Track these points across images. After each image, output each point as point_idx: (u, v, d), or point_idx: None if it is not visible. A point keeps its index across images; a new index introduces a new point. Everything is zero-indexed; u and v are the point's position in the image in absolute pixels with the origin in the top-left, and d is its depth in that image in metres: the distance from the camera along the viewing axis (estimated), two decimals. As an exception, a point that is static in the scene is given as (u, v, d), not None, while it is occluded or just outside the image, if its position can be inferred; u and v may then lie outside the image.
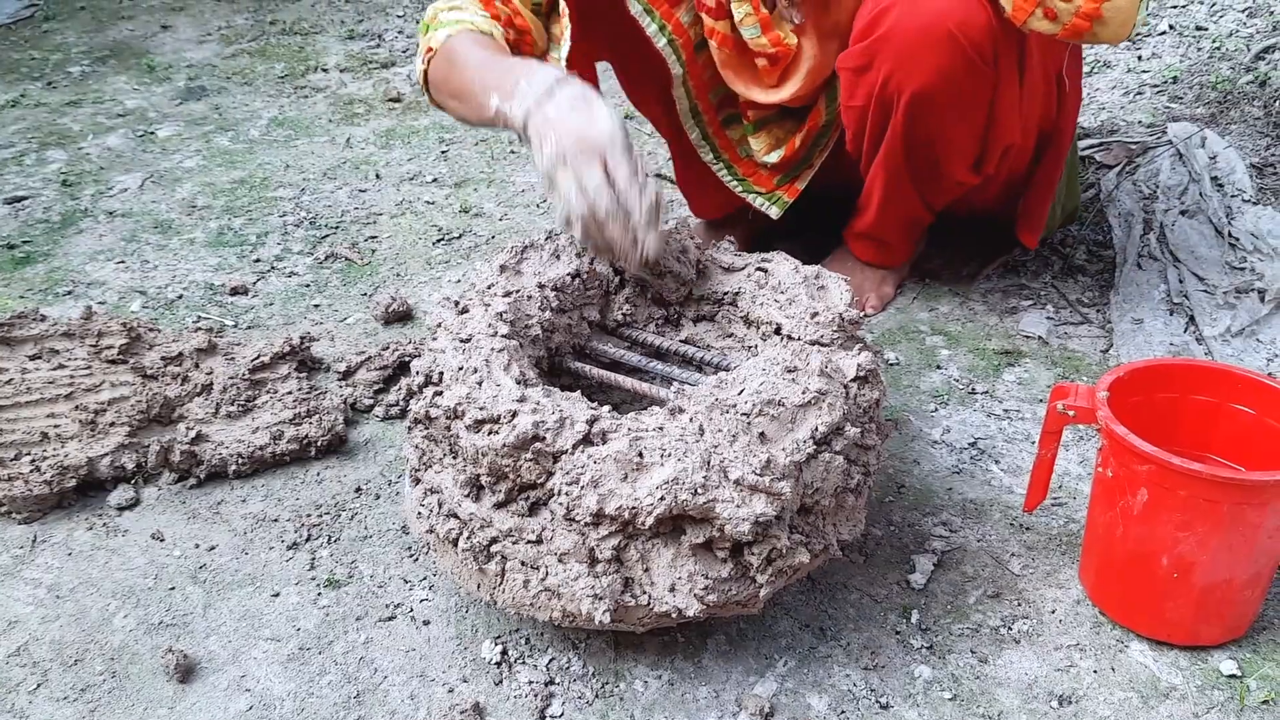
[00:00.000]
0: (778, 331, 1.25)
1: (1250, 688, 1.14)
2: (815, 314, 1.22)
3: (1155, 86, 2.58)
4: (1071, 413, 1.18)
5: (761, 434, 1.05)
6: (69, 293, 1.96)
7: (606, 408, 1.11)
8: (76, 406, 1.51)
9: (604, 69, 1.78)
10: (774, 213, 1.83)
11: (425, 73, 1.52)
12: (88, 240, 2.16)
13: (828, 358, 1.14)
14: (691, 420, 1.07)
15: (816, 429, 1.07)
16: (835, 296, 1.27)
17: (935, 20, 1.45)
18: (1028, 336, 1.77)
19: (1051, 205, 1.79)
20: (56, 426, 1.48)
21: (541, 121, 1.23)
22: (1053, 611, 1.24)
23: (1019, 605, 1.25)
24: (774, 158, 1.76)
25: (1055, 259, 1.96)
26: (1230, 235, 1.93)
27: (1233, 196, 2.05)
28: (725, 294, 1.34)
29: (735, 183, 1.83)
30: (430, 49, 1.50)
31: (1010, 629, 1.22)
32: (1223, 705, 1.12)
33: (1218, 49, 2.64)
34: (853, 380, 1.15)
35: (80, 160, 2.54)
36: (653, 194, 1.19)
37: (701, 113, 1.77)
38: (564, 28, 1.54)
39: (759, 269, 1.34)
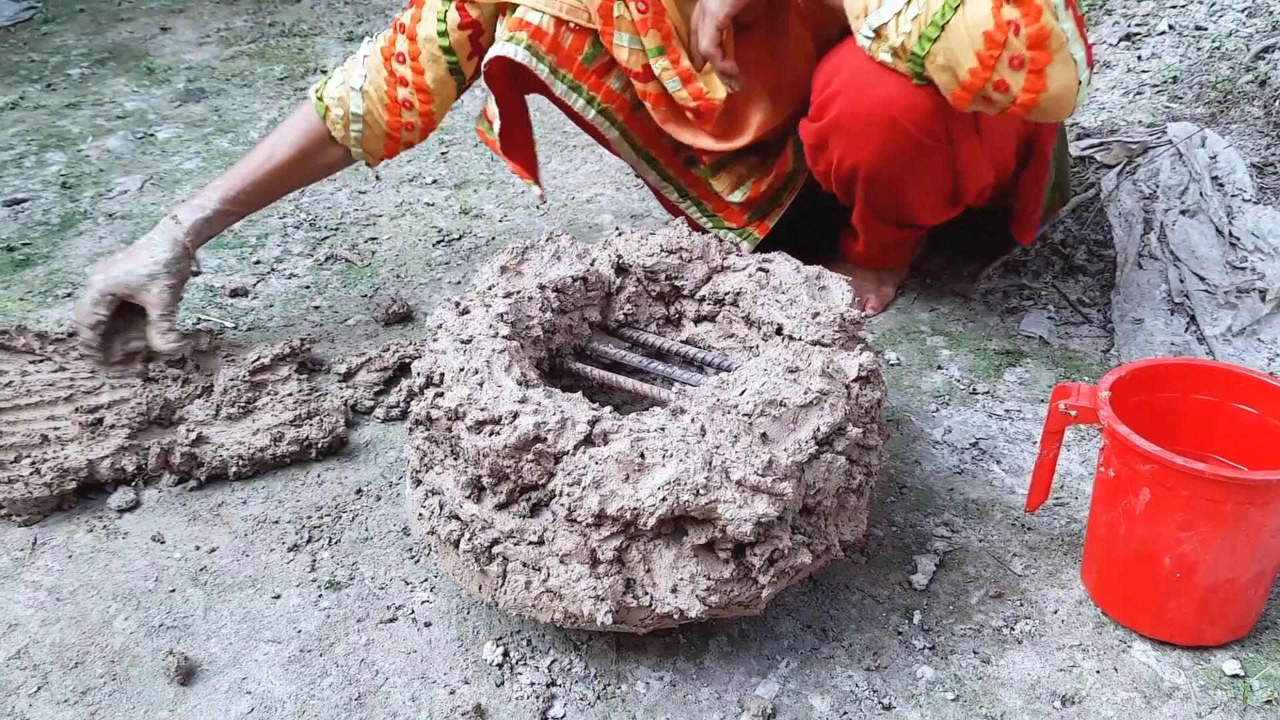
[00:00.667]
0: (779, 332, 1.25)
1: (1253, 688, 1.14)
2: (816, 314, 1.22)
3: (1155, 86, 2.58)
4: (1073, 412, 1.18)
5: (763, 434, 1.05)
6: (69, 295, 1.95)
7: (608, 409, 1.11)
8: (76, 409, 1.51)
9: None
10: (745, 248, 1.83)
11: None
12: (87, 242, 2.16)
13: (829, 358, 1.14)
14: (693, 421, 1.07)
15: (818, 429, 1.07)
16: (837, 297, 1.27)
17: (879, 108, 1.46)
18: (1029, 336, 1.77)
19: (1049, 193, 1.79)
20: (57, 429, 1.48)
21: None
22: (1055, 612, 1.24)
23: (1021, 605, 1.25)
24: (738, 196, 1.77)
25: (1056, 259, 1.96)
26: (1231, 235, 1.93)
27: (1233, 196, 2.04)
28: (726, 294, 1.34)
29: (705, 219, 1.85)
30: (318, 92, 1.72)
31: (1013, 629, 1.22)
32: (1226, 705, 1.12)
33: (1217, 49, 2.64)
34: (854, 381, 1.15)
35: (80, 162, 2.53)
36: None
37: (656, 157, 1.78)
38: (493, 114, 1.64)
39: (760, 269, 1.33)
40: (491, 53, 1.58)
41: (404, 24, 1.66)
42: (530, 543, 1.08)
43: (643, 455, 1.03)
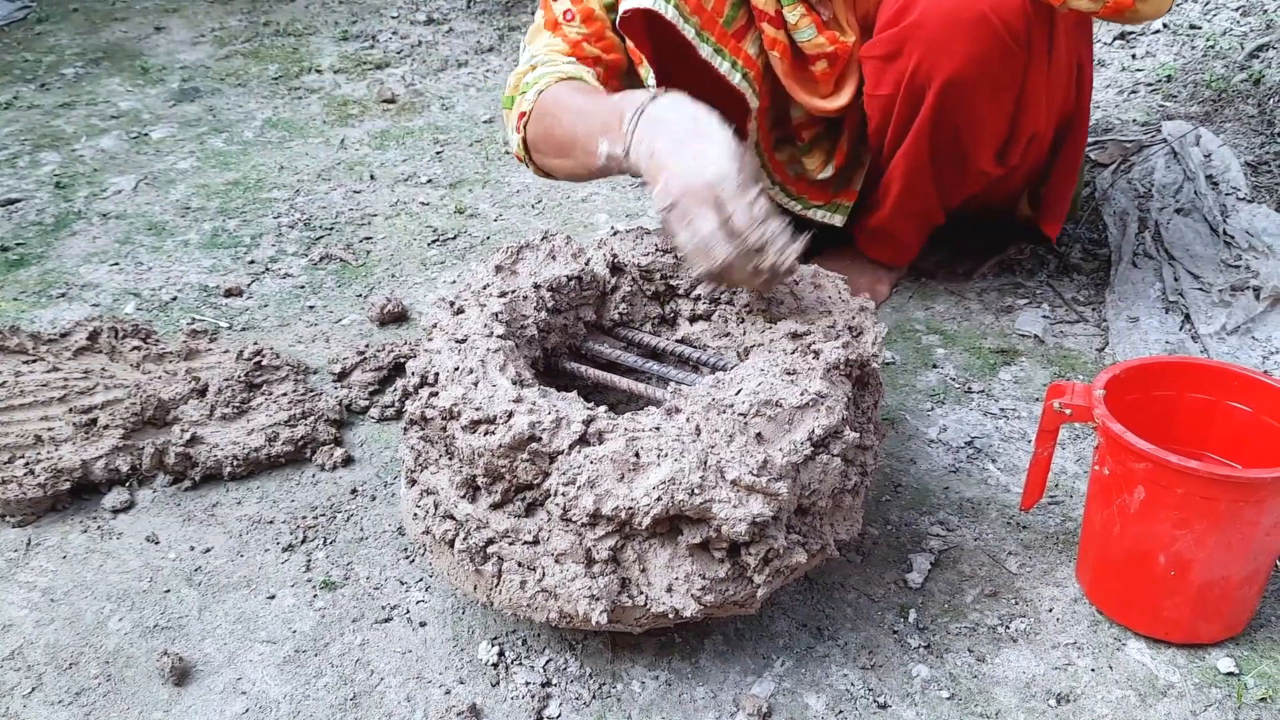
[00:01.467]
0: (775, 332, 1.25)
1: (1248, 685, 1.14)
2: (812, 312, 1.22)
3: (1150, 85, 2.58)
4: (1068, 411, 1.18)
5: (758, 434, 1.05)
6: (62, 295, 1.95)
7: (603, 408, 1.11)
8: (70, 409, 1.50)
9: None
10: (838, 221, 1.82)
11: (524, 141, 1.48)
12: (81, 242, 2.15)
13: (826, 358, 1.14)
14: (688, 420, 1.07)
15: (814, 430, 1.07)
16: (832, 294, 1.27)
17: (968, 2, 1.43)
18: (1024, 335, 1.77)
19: (1076, 189, 1.79)
20: (50, 429, 1.47)
21: (650, 161, 1.17)
22: (1050, 610, 1.24)
23: (1016, 604, 1.25)
24: (828, 173, 1.76)
25: (1051, 258, 1.96)
26: (1225, 233, 1.93)
27: (1227, 194, 2.05)
28: (723, 292, 1.34)
29: (792, 202, 1.82)
30: (522, 114, 1.46)
31: (1008, 628, 1.22)
32: (1220, 703, 1.12)
33: (1212, 47, 2.64)
34: (850, 381, 1.15)
35: (74, 162, 2.53)
36: (774, 231, 1.12)
37: (759, 140, 1.75)
38: (646, 71, 1.54)
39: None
40: (634, 2, 1.47)
41: (570, 11, 1.51)
42: (525, 542, 1.08)
43: (638, 455, 1.03)
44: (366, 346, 1.70)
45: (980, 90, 1.52)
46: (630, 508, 1.02)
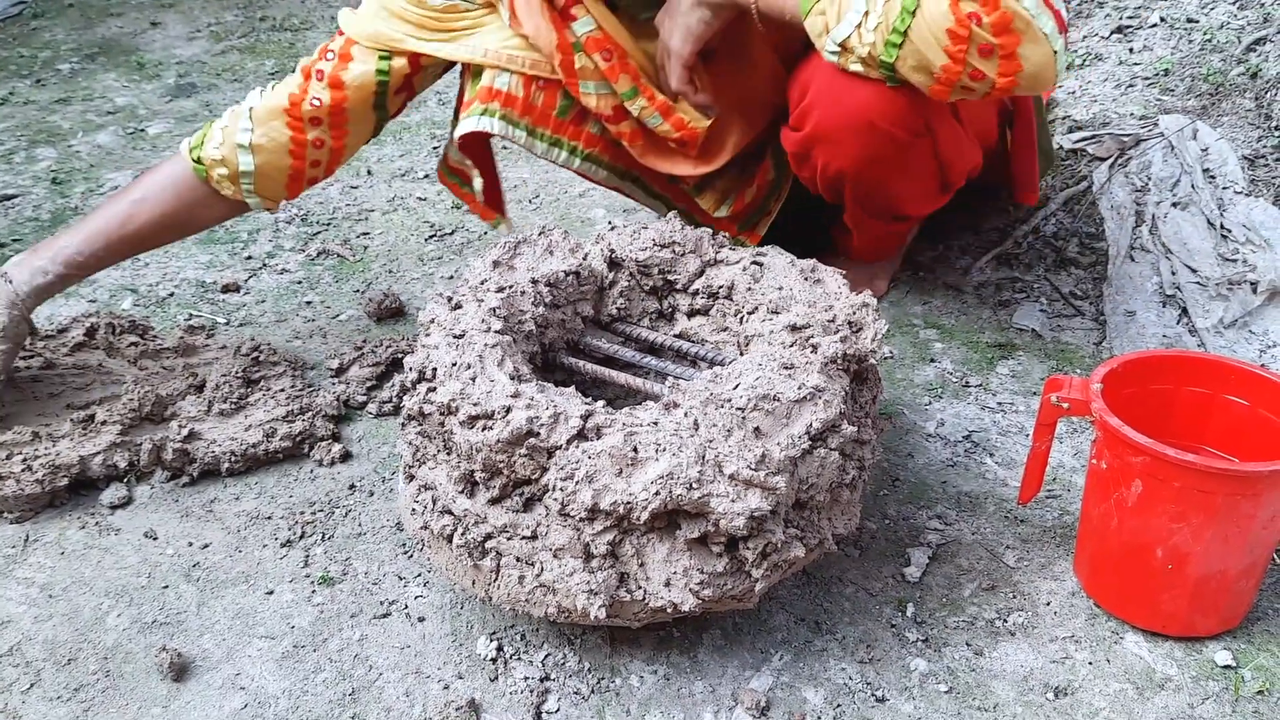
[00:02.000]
0: (773, 325, 1.25)
1: (1245, 678, 1.14)
2: (812, 307, 1.22)
3: (1146, 79, 2.58)
4: (1066, 405, 1.18)
5: (756, 429, 1.05)
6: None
7: (601, 403, 1.11)
8: (67, 405, 1.50)
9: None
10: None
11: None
12: (78, 238, 2.15)
13: (824, 352, 1.14)
14: (686, 415, 1.06)
15: (812, 425, 1.07)
16: (832, 289, 1.27)
17: (855, 115, 1.45)
18: (1021, 330, 1.77)
19: (1043, 148, 1.80)
20: (48, 425, 1.47)
21: None
22: (1048, 604, 1.24)
23: (1014, 598, 1.25)
24: (724, 211, 1.76)
25: (1048, 252, 1.96)
26: (1222, 227, 1.93)
27: (1224, 188, 2.05)
28: (720, 287, 1.34)
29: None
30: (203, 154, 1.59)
31: (1005, 621, 1.22)
32: (1218, 696, 1.12)
33: (1209, 41, 2.64)
34: (848, 375, 1.15)
35: (70, 158, 2.52)
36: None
37: (640, 177, 1.75)
38: (473, 176, 1.64)
39: (754, 262, 1.33)
40: (465, 129, 1.56)
41: (322, 71, 1.59)
42: (523, 537, 1.08)
43: (636, 449, 1.03)
44: (364, 342, 1.70)
45: (892, 174, 1.55)
46: (628, 502, 1.02)
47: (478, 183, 1.66)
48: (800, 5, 1.39)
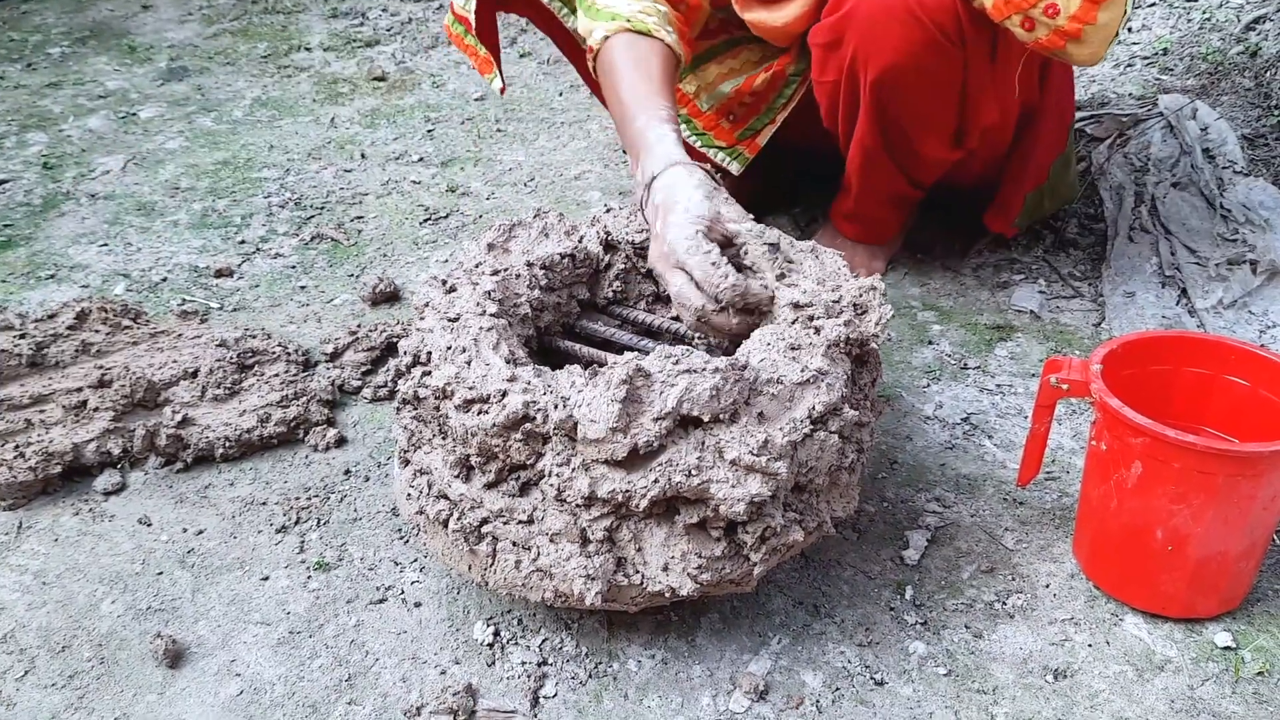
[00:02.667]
0: (778, 301, 1.23)
1: (1245, 659, 1.14)
2: (820, 285, 1.21)
3: (1146, 58, 2.56)
4: (1065, 386, 1.18)
5: (760, 413, 1.04)
6: (51, 276, 1.93)
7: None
8: (60, 391, 1.49)
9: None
10: (734, 168, 1.83)
11: (593, 65, 1.51)
12: (70, 223, 2.13)
13: (827, 334, 1.12)
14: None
15: (814, 407, 1.06)
16: (832, 270, 1.26)
17: (898, 2, 1.45)
18: (1020, 311, 1.76)
19: (1034, 192, 1.78)
20: (41, 412, 1.46)
21: (651, 227, 1.26)
22: (1047, 586, 1.24)
23: (1013, 580, 1.25)
24: (727, 88, 1.73)
25: (1047, 233, 1.95)
26: (1222, 207, 1.92)
27: (1224, 168, 2.04)
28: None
29: (694, 137, 1.83)
30: (590, 48, 1.49)
31: (1004, 604, 1.22)
32: (1218, 677, 1.12)
33: (1208, 20, 2.63)
34: (850, 359, 1.14)
35: (61, 142, 2.50)
36: (736, 280, 1.15)
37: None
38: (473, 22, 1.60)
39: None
40: None
41: None
42: (520, 522, 1.07)
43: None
44: (359, 326, 1.69)
45: (915, 82, 1.53)
46: (627, 490, 1.01)
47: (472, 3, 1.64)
48: None
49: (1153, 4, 2.79)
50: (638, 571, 1.06)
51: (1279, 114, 2.15)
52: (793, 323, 1.14)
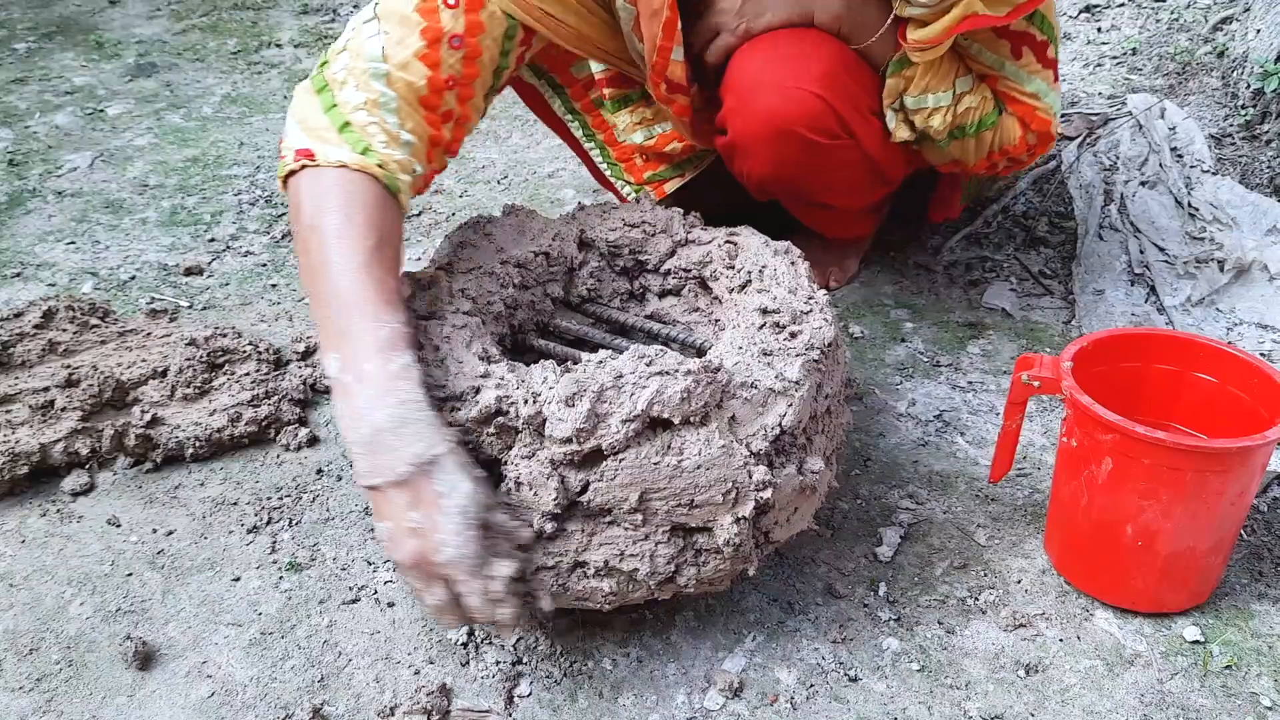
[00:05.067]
0: (746, 304, 1.24)
1: (1214, 653, 1.15)
2: (791, 290, 1.21)
3: (1114, 58, 2.59)
4: (1036, 383, 1.18)
5: (732, 417, 1.04)
6: (18, 275, 1.91)
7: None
8: (26, 391, 1.47)
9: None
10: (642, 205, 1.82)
11: (297, 172, 1.16)
12: (36, 221, 2.11)
13: (799, 339, 1.13)
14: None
15: (784, 416, 1.06)
16: (804, 271, 1.26)
17: (765, 122, 1.42)
18: (991, 309, 1.77)
19: (970, 181, 1.82)
20: (7, 412, 1.44)
21: (371, 475, 1.00)
22: (1019, 581, 1.25)
23: (985, 576, 1.26)
24: (639, 138, 1.70)
25: (1018, 231, 1.97)
26: (1190, 205, 1.94)
27: (1192, 167, 2.06)
28: (692, 267, 1.33)
29: (606, 166, 1.80)
30: (310, 153, 1.15)
31: (977, 599, 1.22)
32: (1187, 671, 1.13)
33: (1176, 20, 2.65)
34: (824, 358, 1.14)
35: (27, 139, 2.47)
36: (507, 610, 1.00)
37: (563, 86, 1.72)
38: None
39: (728, 242, 1.32)
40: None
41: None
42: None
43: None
44: (331, 325, 1.67)
45: (817, 178, 1.53)
46: (584, 488, 1.01)
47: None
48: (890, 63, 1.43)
49: (1121, 4, 2.82)
50: (600, 573, 1.06)
51: (1246, 114, 2.18)
52: (760, 327, 1.14)
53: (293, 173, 1.15)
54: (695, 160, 1.75)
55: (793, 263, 1.26)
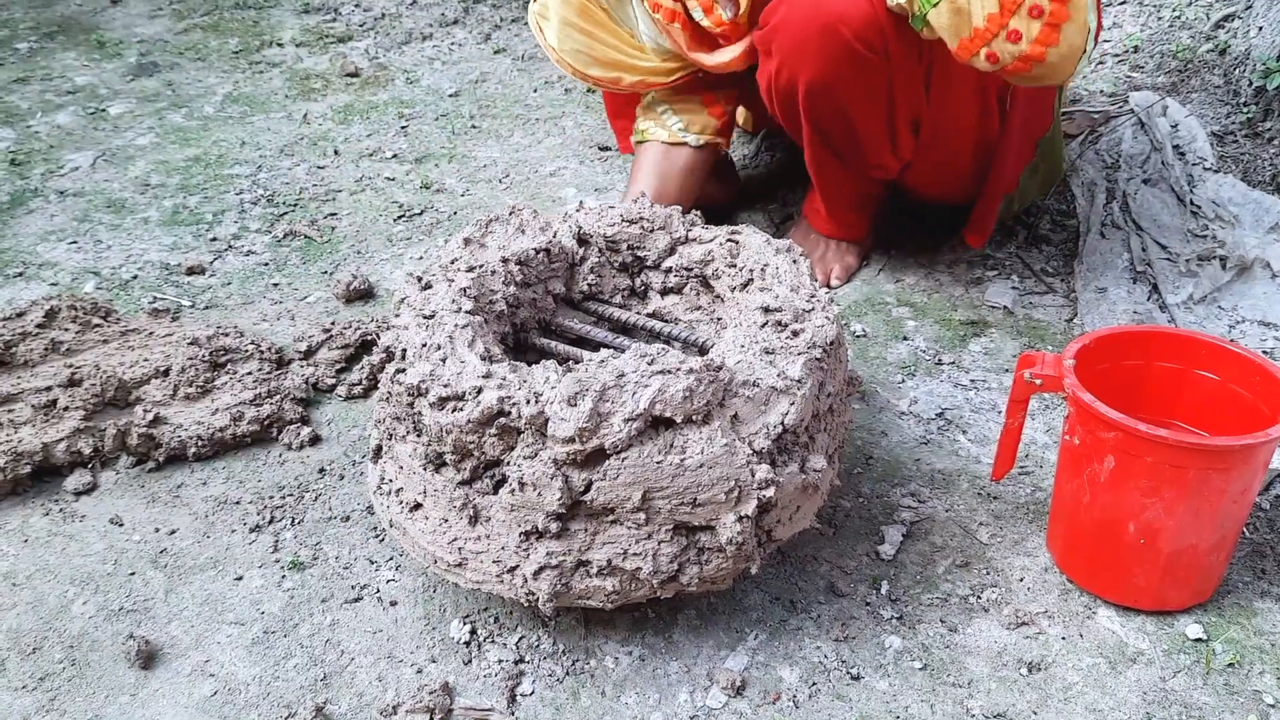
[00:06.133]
0: (748, 302, 1.24)
1: (1216, 651, 1.15)
2: (793, 288, 1.21)
3: (1116, 56, 2.58)
4: (1038, 381, 1.18)
5: (734, 415, 1.04)
6: (20, 274, 1.91)
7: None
8: (29, 390, 1.47)
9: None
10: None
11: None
12: (38, 220, 2.11)
13: (802, 337, 1.13)
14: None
15: (786, 414, 1.06)
16: (805, 270, 1.26)
17: (815, 13, 1.47)
18: (993, 307, 1.77)
19: (1003, 202, 1.80)
20: (10, 412, 1.44)
21: None
22: (1021, 580, 1.25)
23: (987, 574, 1.26)
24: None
25: (1020, 229, 1.96)
26: (1192, 203, 1.94)
27: (1194, 165, 2.06)
28: (694, 265, 1.33)
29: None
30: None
31: (979, 598, 1.22)
32: (1189, 669, 1.13)
33: (1178, 18, 2.65)
34: (826, 356, 1.14)
35: (29, 139, 2.47)
36: None
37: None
38: None
39: (730, 240, 1.32)
40: None
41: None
42: (485, 519, 1.07)
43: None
44: (332, 324, 1.68)
45: (839, 93, 1.55)
46: (587, 487, 1.01)
47: None
48: None
49: (1124, 2, 2.82)
50: (594, 571, 1.06)
51: (1248, 111, 2.17)
52: (762, 326, 1.14)
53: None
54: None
55: (794, 261, 1.26)
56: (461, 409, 1.05)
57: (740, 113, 2.13)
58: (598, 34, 1.73)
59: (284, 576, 1.26)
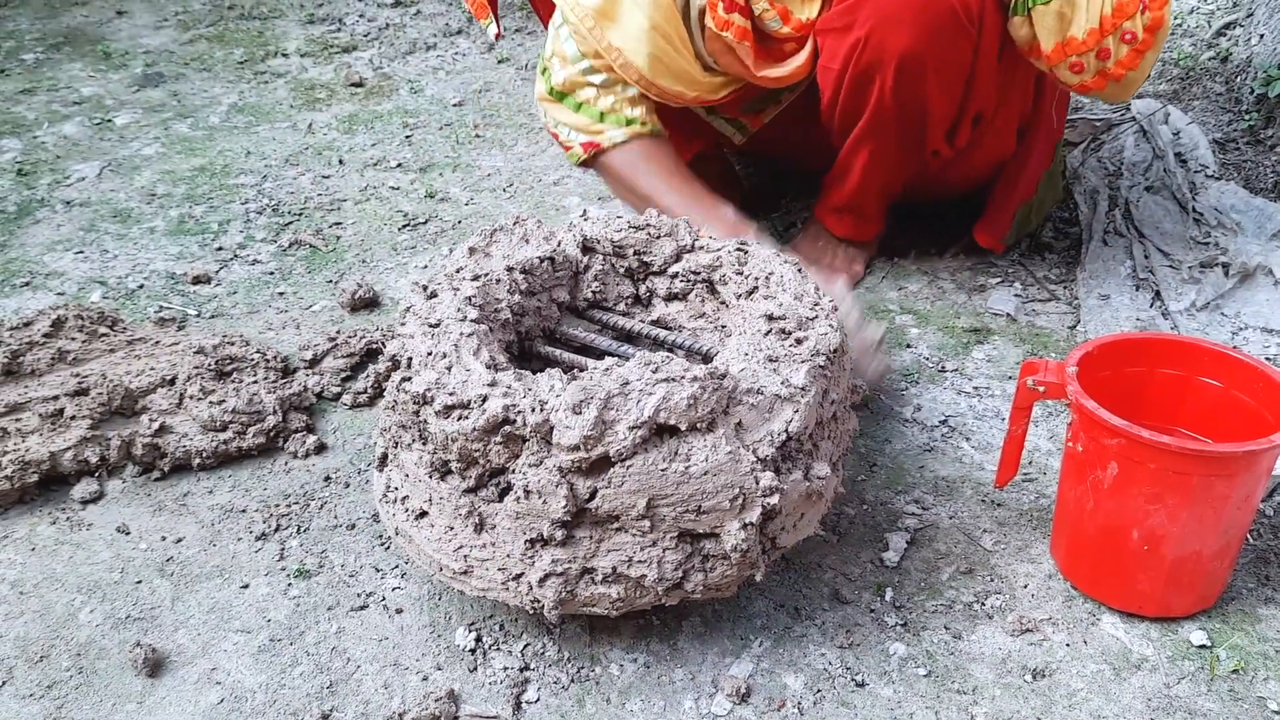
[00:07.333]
0: (751, 311, 1.24)
1: (1220, 657, 1.15)
2: (796, 296, 1.21)
3: (1118, 64, 2.59)
4: (1041, 388, 1.19)
5: (739, 423, 1.05)
6: (27, 284, 1.92)
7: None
8: (36, 400, 1.48)
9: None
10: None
11: (595, 164, 1.71)
12: (45, 230, 2.12)
13: (805, 345, 1.13)
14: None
15: (790, 422, 1.06)
16: (811, 278, 1.27)
17: None
18: (996, 314, 1.78)
19: (1022, 207, 1.80)
20: (17, 421, 1.45)
21: None
22: (1025, 586, 1.25)
23: (991, 581, 1.26)
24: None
25: (1022, 236, 1.97)
26: (1194, 210, 1.95)
27: (1196, 172, 2.06)
28: (701, 269, 1.33)
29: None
30: (597, 145, 1.68)
31: (983, 604, 1.22)
32: (1193, 675, 1.13)
33: (1179, 26, 2.66)
34: (830, 364, 1.15)
35: (36, 149, 2.48)
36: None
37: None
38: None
39: (738, 249, 1.33)
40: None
41: None
42: (490, 527, 1.07)
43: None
44: (338, 333, 1.68)
45: (930, 66, 1.52)
46: (592, 495, 1.01)
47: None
48: None
49: (1125, 10, 2.82)
50: (599, 578, 1.06)
51: (1250, 119, 2.18)
52: (766, 334, 1.15)
53: (585, 162, 1.72)
54: (790, 89, 1.77)
55: (799, 269, 1.27)
56: (467, 417, 1.05)
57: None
58: (675, 43, 1.63)
59: (290, 584, 1.27)
